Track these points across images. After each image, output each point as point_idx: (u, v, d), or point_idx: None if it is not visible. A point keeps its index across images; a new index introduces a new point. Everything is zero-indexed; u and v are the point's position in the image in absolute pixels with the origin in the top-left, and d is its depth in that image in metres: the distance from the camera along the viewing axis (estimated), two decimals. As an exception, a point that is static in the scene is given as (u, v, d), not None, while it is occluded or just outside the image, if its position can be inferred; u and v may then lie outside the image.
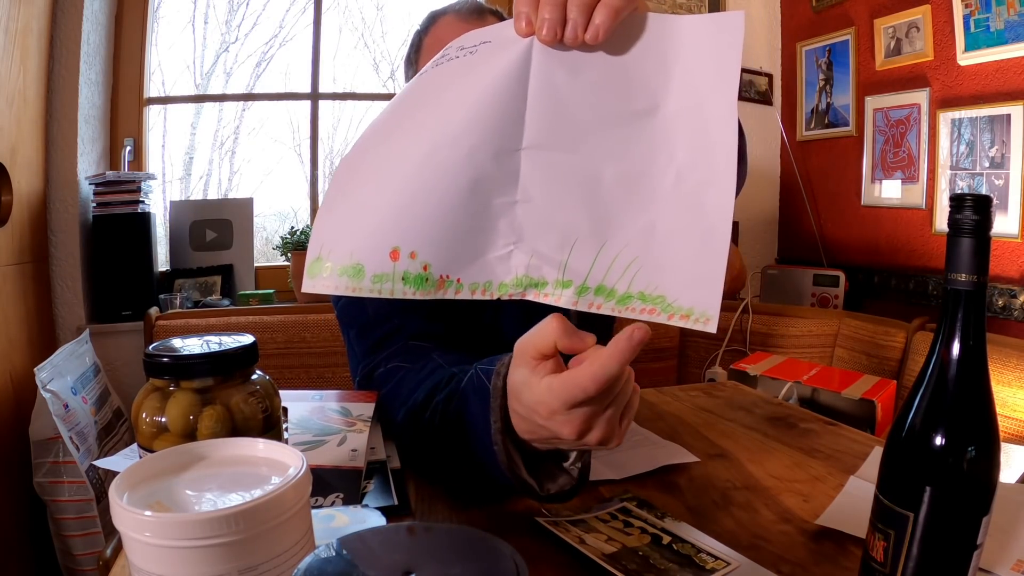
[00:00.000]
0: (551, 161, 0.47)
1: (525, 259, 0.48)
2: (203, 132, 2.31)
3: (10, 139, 1.59)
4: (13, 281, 1.60)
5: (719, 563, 0.55)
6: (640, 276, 0.45)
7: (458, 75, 0.49)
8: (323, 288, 0.48)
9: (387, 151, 0.49)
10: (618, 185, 0.47)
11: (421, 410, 0.72)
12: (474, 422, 0.60)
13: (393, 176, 0.48)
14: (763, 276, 2.29)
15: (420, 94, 0.51)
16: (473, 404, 0.60)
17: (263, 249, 2.31)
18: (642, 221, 0.46)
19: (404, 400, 0.78)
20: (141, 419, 0.51)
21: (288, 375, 1.73)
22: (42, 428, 1.45)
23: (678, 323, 0.44)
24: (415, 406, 0.75)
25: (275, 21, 2.29)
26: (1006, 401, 1.38)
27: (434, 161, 0.47)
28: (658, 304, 0.44)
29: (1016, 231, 1.67)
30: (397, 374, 0.83)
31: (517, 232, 0.48)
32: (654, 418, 0.94)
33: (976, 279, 0.41)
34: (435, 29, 0.96)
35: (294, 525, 0.39)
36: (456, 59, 0.49)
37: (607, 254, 0.46)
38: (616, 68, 0.47)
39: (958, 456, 0.40)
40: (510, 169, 0.47)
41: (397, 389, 0.81)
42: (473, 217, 0.47)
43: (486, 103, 0.47)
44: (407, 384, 0.80)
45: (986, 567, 0.53)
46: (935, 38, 1.86)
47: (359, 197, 0.49)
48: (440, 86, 0.50)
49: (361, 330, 0.91)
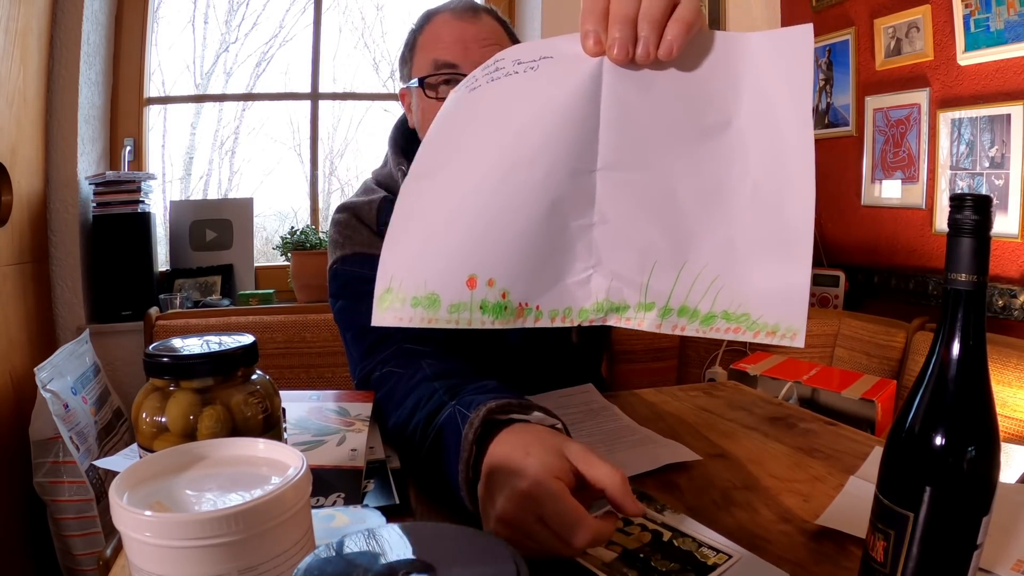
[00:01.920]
0: (626, 181, 0.47)
1: (605, 283, 0.47)
2: (203, 132, 2.31)
3: (10, 139, 1.59)
4: (13, 281, 1.60)
5: (720, 556, 0.55)
6: (723, 294, 0.44)
7: (521, 92, 0.47)
8: (394, 321, 0.48)
9: (454, 174, 0.48)
10: (695, 202, 0.46)
11: (404, 424, 0.74)
12: (448, 460, 0.60)
13: (466, 200, 0.47)
14: (763, 276, 2.29)
15: (478, 111, 0.49)
16: (449, 440, 0.61)
17: (263, 249, 2.31)
18: (721, 237, 0.45)
19: (395, 407, 0.79)
20: (141, 419, 0.51)
21: (288, 375, 1.73)
22: (42, 428, 1.45)
23: (764, 340, 0.43)
24: (400, 420, 0.76)
25: (275, 21, 2.29)
26: (1006, 401, 1.37)
27: (510, 184, 0.46)
28: (743, 323, 0.44)
29: (1016, 231, 1.67)
30: (389, 380, 0.83)
31: (595, 255, 0.47)
32: (654, 418, 0.94)
33: (976, 279, 0.41)
34: (430, 27, 0.96)
35: (294, 525, 0.39)
36: (515, 74, 0.48)
37: (688, 273, 0.45)
38: (687, 84, 0.46)
39: (958, 456, 0.40)
40: (586, 190, 0.47)
41: (389, 396, 0.82)
42: (551, 241, 0.47)
43: (559, 124, 0.46)
44: (397, 393, 0.80)
45: (986, 567, 0.53)
46: (935, 38, 1.86)
47: (429, 224, 0.48)
48: (502, 103, 0.48)
49: (358, 332, 0.91)
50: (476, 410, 0.57)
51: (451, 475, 0.59)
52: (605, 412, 0.95)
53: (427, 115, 0.94)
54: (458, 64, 0.91)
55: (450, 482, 0.60)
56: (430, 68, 0.92)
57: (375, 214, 0.98)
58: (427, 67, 0.92)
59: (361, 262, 0.94)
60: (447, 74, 0.91)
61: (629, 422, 0.91)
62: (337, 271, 0.96)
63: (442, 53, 0.92)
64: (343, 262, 0.95)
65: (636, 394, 1.08)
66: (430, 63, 0.92)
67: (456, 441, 0.59)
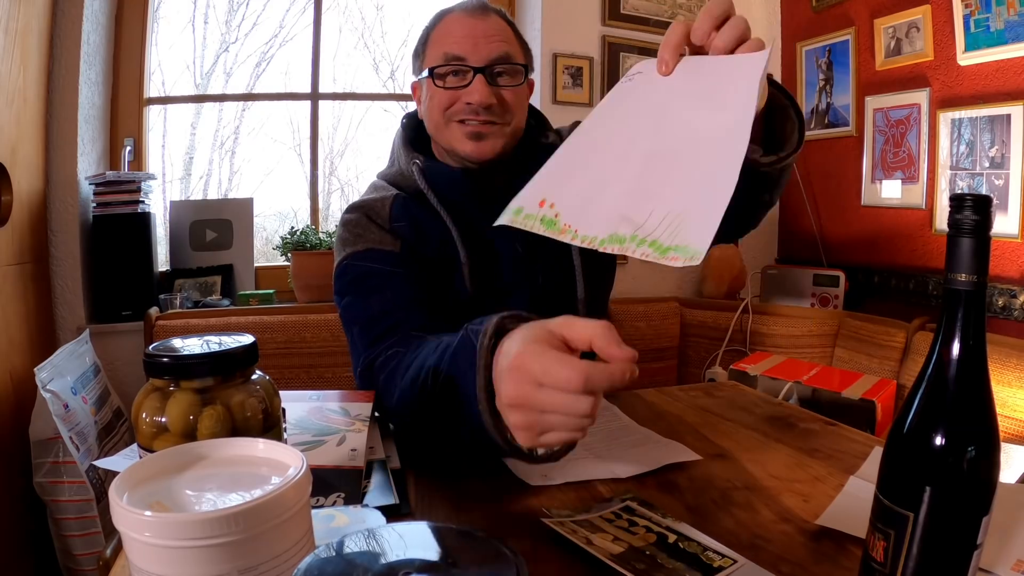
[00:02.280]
0: (653, 154, 0.64)
1: (617, 222, 0.61)
2: (203, 132, 2.31)
3: (10, 139, 1.59)
4: (13, 281, 1.60)
5: (726, 560, 0.55)
6: (675, 230, 0.58)
7: (627, 96, 0.71)
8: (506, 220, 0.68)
9: (585, 137, 0.70)
10: (679, 166, 0.62)
11: (414, 380, 0.74)
12: (465, 383, 0.61)
13: (579, 153, 0.69)
14: (763, 276, 2.29)
15: (613, 103, 0.72)
16: (463, 363, 0.62)
17: (263, 249, 2.31)
18: (686, 191, 0.60)
19: (401, 373, 0.80)
20: (141, 419, 0.51)
21: (288, 375, 1.73)
22: (42, 428, 1.45)
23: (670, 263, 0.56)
24: (408, 380, 0.77)
25: (275, 21, 2.29)
26: (1006, 401, 1.38)
27: (599, 152, 0.68)
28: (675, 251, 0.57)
29: (1016, 231, 1.67)
30: (393, 359, 0.84)
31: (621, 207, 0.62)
32: (654, 418, 0.94)
33: (976, 279, 0.41)
34: (442, 24, 1.01)
35: (294, 525, 0.39)
36: (629, 82, 0.72)
37: (660, 214, 0.59)
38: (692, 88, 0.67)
39: (958, 456, 0.40)
40: (632, 163, 0.65)
41: (394, 371, 0.83)
42: (601, 192, 0.64)
43: (635, 118, 0.68)
44: (403, 363, 0.82)
45: (986, 567, 0.53)
46: (935, 38, 1.86)
47: (552, 162, 0.70)
48: (618, 101, 0.71)
49: (365, 326, 0.92)
50: (487, 321, 0.61)
51: (467, 395, 0.60)
52: (605, 412, 0.95)
53: (435, 103, 0.99)
54: (466, 57, 0.96)
55: (467, 407, 0.61)
56: (440, 60, 0.98)
57: (387, 211, 1.01)
58: (438, 59, 0.98)
59: (372, 257, 0.96)
60: (455, 66, 0.97)
61: (629, 422, 0.91)
62: (346, 267, 0.98)
63: (452, 47, 0.97)
64: (353, 258, 0.98)
65: (636, 394, 1.08)
66: (441, 55, 0.98)
67: (470, 358, 0.60)
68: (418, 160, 1.01)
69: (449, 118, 0.99)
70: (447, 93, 0.98)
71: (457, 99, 0.98)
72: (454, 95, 0.98)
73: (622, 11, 2.26)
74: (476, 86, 0.96)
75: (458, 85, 0.97)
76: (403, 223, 1.00)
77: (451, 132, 0.99)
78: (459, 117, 0.98)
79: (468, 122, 0.98)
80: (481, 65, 0.96)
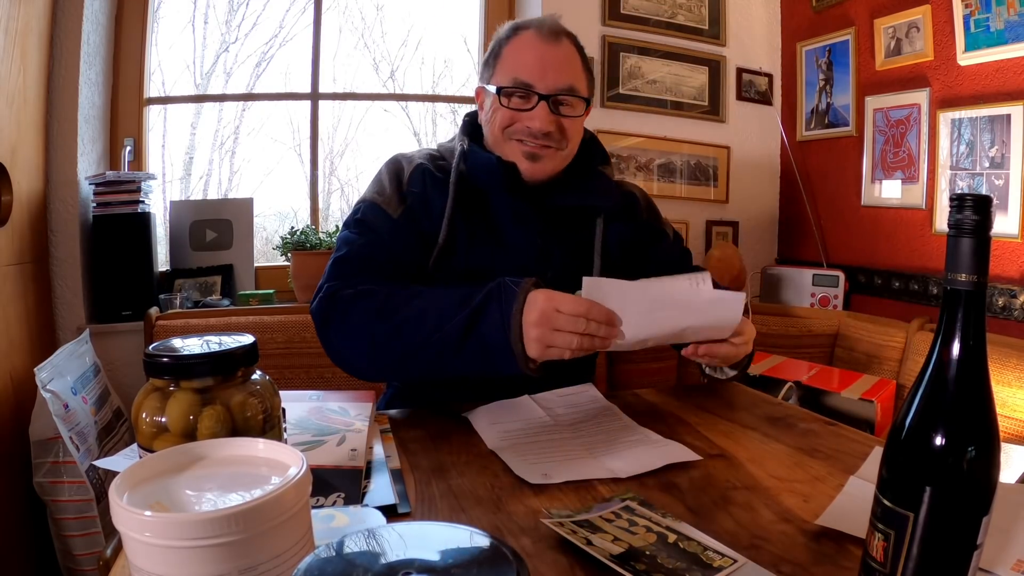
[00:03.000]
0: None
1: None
2: (203, 132, 2.31)
3: (10, 139, 1.59)
4: (13, 281, 1.60)
5: (726, 560, 0.55)
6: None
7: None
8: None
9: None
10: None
11: (430, 308, 0.90)
12: (491, 311, 0.86)
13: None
14: (763, 276, 2.29)
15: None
16: (505, 292, 0.86)
17: (263, 249, 2.31)
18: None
19: (405, 299, 0.92)
20: (141, 419, 0.51)
21: (288, 375, 1.73)
22: (42, 428, 1.45)
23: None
24: (426, 305, 0.90)
25: (275, 21, 2.29)
26: (1006, 401, 1.37)
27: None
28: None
29: (1016, 231, 1.67)
30: (377, 293, 0.94)
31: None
32: (654, 418, 0.94)
33: (976, 279, 0.41)
34: (516, 41, 1.07)
35: (294, 525, 0.39)
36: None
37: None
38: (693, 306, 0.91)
39: (958, 456, 0.40)
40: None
41: (390, 296, 0.93)
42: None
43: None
44: (401, 294, 0.93)
45: (986, 567, 0.53)
46: (935, 38, 1.86)
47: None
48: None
49: (342, 258, 1.02)
50: (525, 280, 0.87)
51: (493, 319, 0.85)
52: (605, 412, 0.95)
53: (496, 118, 1.07)
54: (534, 85, 1.04)
55: (487, 326, 0.85)
56: (509, 82, 1.05)
57: (407, 176, 1.09)
58: (507, 80, 1.05)
59: (375, 212, 1.05)
60: (522, 91, 1.04)
61: (629, 422, 0.91)
62: (361, 208, 1.07)
63: (522, 72, 1.04)
64: (365, 203, 1.07)
65: (636, 394, 1.08)
66: (511, 78, 1.05)
67: (511, 291, 0.86)
68: (463, 143, 1.10)
69: (508, 136, 1.06)
70: (509, 113, 1.05)
71: (518, 120, 1.05)
72: (515, 115, 1.05)
73: (622, 11, 2.26)
74: (538, 113, 1.03)
75: (521, 108, 1.04)
76: (416, 190, 1.07)
77: (509, 148, 1.07)
78: (517, 137, 1.05)
79: (526, 142, 1.05)
80: (546, 93, 1.03)
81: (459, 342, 0.86)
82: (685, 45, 2.33)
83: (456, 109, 2.52)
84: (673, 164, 2.38)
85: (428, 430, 0.90)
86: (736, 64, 2.42)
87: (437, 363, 0.88)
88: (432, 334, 0.87)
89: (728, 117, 2.43)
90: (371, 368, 0.95)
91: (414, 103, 2.45)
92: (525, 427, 0.89)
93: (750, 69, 2.45)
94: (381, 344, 0.90)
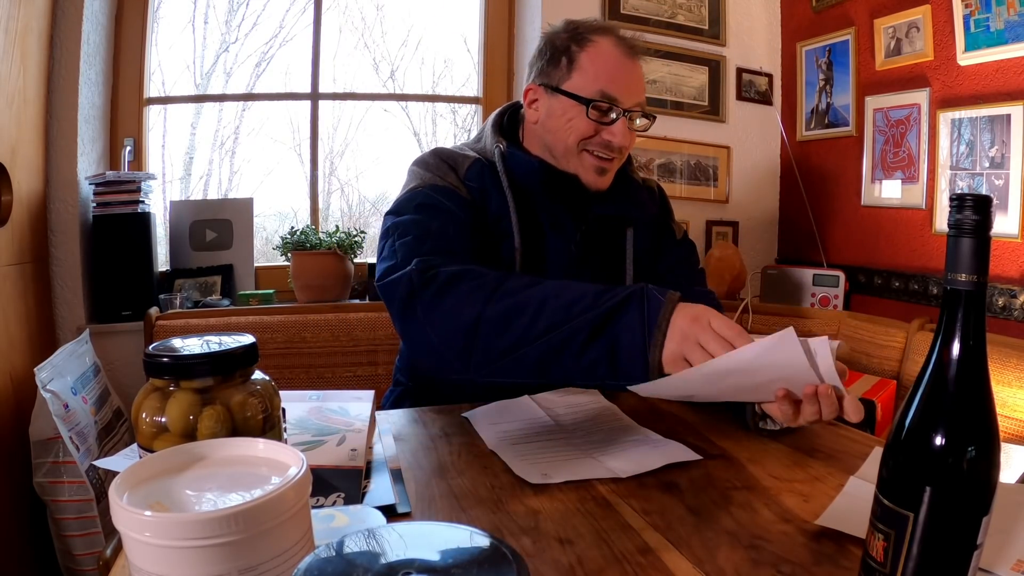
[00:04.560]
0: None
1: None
2: (203, 132, 2.31)
3: (10, 139, 1.59)
4: (13, 281, 1.60)
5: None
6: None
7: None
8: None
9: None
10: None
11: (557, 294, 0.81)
12: (630, 312, 0.78)
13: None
14: (763, 276, 2.29)
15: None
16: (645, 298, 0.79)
17: (263, 249, 2.31)
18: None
19: (493, 286, 0.84)
20: (141, 419, 0.51)
21: (288, 375, 1.73)
22: (42, 428, 1.45)
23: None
24: (509, 274, 0.86)
25: (275, 21, 2.29)
26: (1006, 401, 1.37)
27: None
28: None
29: (1016, 231, 1.67)
30: (481, 272, 0.86)
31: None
32: (654, 418, 0.94)
33: (976, 279, 0.41)
34: (596, 48, 1.04)
35: (294, 525, 0.39)
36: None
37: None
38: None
39: (958, 456, 0.40)
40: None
41: (478, 276, 0.86)
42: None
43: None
44: (513, 278, 0.86)
45: (986, 567, 0.53)
46: (935, 38, 1.86)
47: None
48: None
49: (420, 236, 0.95)
50: (670, 291, 0.80)
51: (632, 320, 0.77)
52: (605, 412, 0.95)
53: (573, 127, 1.03)
54: (621, 101, 1.02)
55: (623, 327, 0.78)
56: (596, 95, 1.01)
57: (465, 169, 1.07)
58: (593, 91, 1.02)
59: (446, 194, 1.01)
60: (608, 106, 1.02)
61: (629, 422, 0.91)
62: (418, 193, 1.01)
63: (610, 87, 1.02)
64: (430, 188, 1.01)
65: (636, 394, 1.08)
66: (598, 91, 1.02)
67: (651, 302, 0.78)
68: (501, 144, 1.07)
69: (583, 147, 1.04)
70: (591, 125, 1.03)
71: (597, 132, 1.03)
72: (597, 128, 1.03)
73: (622, 11, 2.26)
74: (620, 128, 1.03)
75: (602, 120, 1.02)
76: (474, 184, 1.05)
77: (580, 160, 1.05)
78: (594, 150, 1.04)
79: (599, 155, 1.04)
80: (627, 108, 1.03)
81: (587, 339, 0.78)
82: (685, 45, 2.33)
83: (456, 109, 2.52)
84: (673, 164, 2.38)
85: (428, 430, 0.90)
86: (736, 64, 2.42)
87: (549, 360, 0.80)
88: (555, 326, 0.79)
89: (728, 117, 2.43)
90: (462, 358, 0.83)
91: (414, 103, 2.45)
92: (525, 427, 0.89)
93: (750, 69, 2.45)
94: (487, 329, 0.81)
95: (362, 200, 2.48)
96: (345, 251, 1.98)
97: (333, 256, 1.98)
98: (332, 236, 2.00)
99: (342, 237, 1.99)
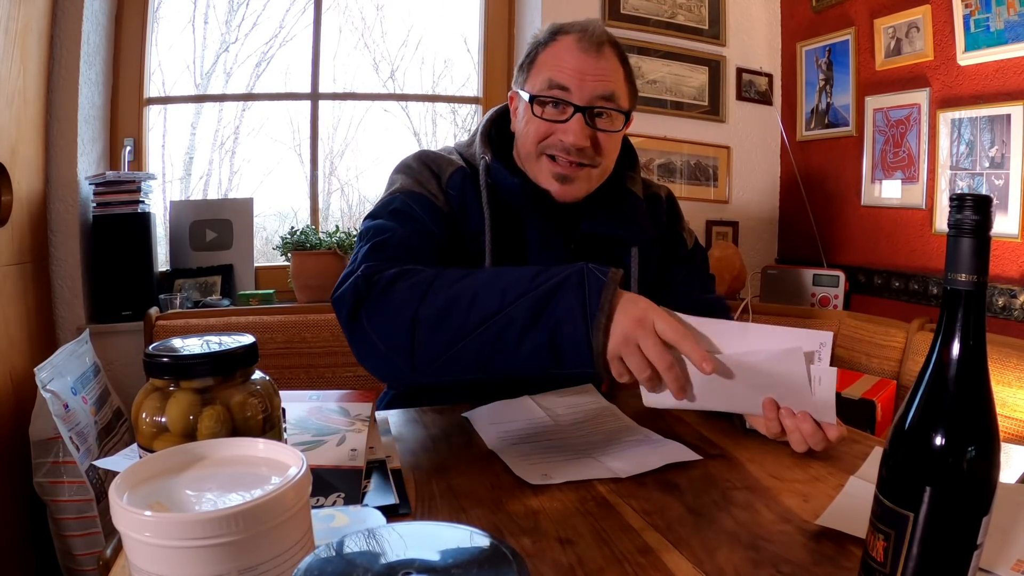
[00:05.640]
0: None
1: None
2: (203, 132, 2.31)
3: (10, 139, 1.59)
4: (13, 281, 1.60)
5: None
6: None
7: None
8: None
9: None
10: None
11: (493, 281, 0.78)
12: (569, 296, 0.74)
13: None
14: (763, 276, 2.29)
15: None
16: (582, 282, 0.75)
17: (263, 249, 2.31)
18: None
19: (456, 278, 0.81)
20: (141, 419, 0.51)
21: (288, 375, 1.73)
22: (42, 428, 1.45)
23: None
24: (448, 269, 0.82)
25: (275, 21, 2.29)
26: (1006, 401, 1.37)
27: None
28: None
29: (1016, 231, 1.67)
30: (419, 271, 0.83)
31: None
32: (654, 418, 0.94)
33: (976, 279, 0.41)
34: (555, 46, 0.99)
35: (294, 525, 0.39)
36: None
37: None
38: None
39: (958, 456, 0.40)
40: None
41: (439, 276, 0.82)
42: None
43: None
44: (450, 273, 0.82)
45: (986, 567, 0.53)
46: (935, 38, 1.86)
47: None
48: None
49: (381, 243, 0.91)
50: (612, 269, 0.76)
51: (570, 304, 0.74)
52: (605, 412, 0.95)
53: (529, 130, 1.00)
54: (570, 89, 0.96)
55: (562, 310, 0.74)
56: (544, 86, 0.97)
57: (447, 176, 1.02)
58: (542, 85, 0.97)
59: (421, 203, 0.97)
60: (557, 96, 0.96)
61: (629, 422, 0.91)
62: (396, 199, 0.98)
63: (558, 75, 0.96)
64: (407, 195, 0.98)
65: (636, 394, 1.08)
66: (545, 81, 0.97)
67: (591, 283, 0.74)
68: (486, 156, 1.02)
69: (541, 151, 0.99)
70: (544, 125, 0.98)
71: (552, 133, 0.98)
72: (550, 128, 0.97)
73: (622, 11, 2.26)
74: (573, 125, 0.96)
75: (555, 119, 0.97)
76: (455, 194, 1.01)
77: (540, 166, 1.00)
78: (550, 152, 0.98)
79: (558, 159, 0.98)
80: (583, 104, 0.96)
81: (526, 325, 0.74)
82: (685, 45, 2.33)
83: (456, 109, 2.52)
84: (673, 164, 2.38)
85: (428, 430, 0.90)
86: (736, 64, 2.42)
87: (491, 353, 0.76)
88: (491, 315, 0.75)
89: (728, 117, 2.43)
90: (410, 362, 0.79)
91: (414, 103, 2.46)
92: (525, 427, 0.89)
93: (750, 69, 2.45)
94: (427, 328, 0.77)
95: (362, 200, 2.48)
96: (345, 251, 1.98)
97: (333, 256, 1.98)
98: (332, 236, 2.00)
99: (342, 237, 2.00)
